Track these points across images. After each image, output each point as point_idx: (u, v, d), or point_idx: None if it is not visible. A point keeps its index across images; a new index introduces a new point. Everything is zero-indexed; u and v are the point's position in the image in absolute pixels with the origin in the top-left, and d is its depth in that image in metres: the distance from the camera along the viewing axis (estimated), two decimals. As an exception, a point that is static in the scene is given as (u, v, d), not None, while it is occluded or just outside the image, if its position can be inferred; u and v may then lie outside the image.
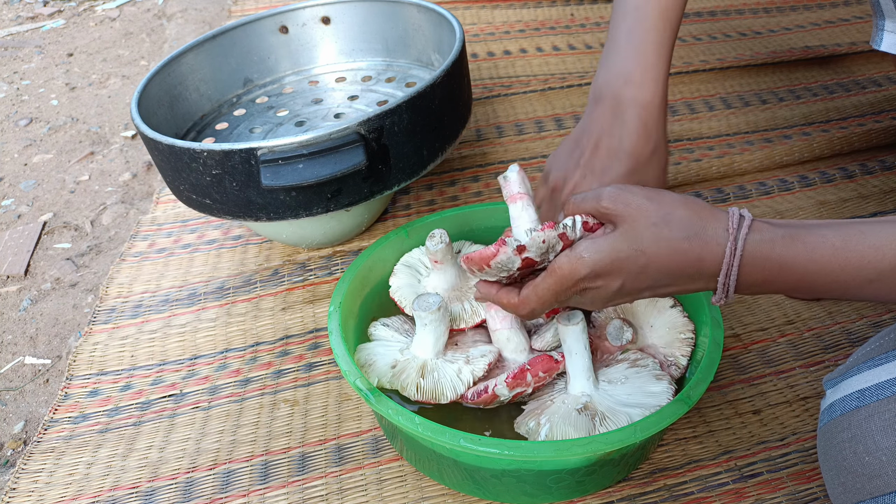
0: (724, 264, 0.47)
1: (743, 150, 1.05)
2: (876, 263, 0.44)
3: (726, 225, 0.47)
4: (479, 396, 0.60)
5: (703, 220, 0.48)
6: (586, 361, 0.60)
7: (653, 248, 0.48)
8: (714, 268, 0.47)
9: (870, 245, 0.45)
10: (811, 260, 0.46)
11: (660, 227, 0.47)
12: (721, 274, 0.47)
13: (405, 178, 0.83)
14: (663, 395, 0.59)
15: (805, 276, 0.46)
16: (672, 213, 0.48)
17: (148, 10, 1.87)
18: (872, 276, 0.45)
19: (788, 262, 0.46)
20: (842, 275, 0.45)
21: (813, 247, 0.46)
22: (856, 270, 0.45)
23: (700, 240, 0.47)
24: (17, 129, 1.39)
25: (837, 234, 0.46)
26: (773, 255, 0.46)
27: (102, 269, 1.01)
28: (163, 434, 0.71)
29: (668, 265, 0.48)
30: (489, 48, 1.35)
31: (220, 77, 1.02)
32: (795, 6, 1.47)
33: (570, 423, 0.58)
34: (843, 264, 0.45)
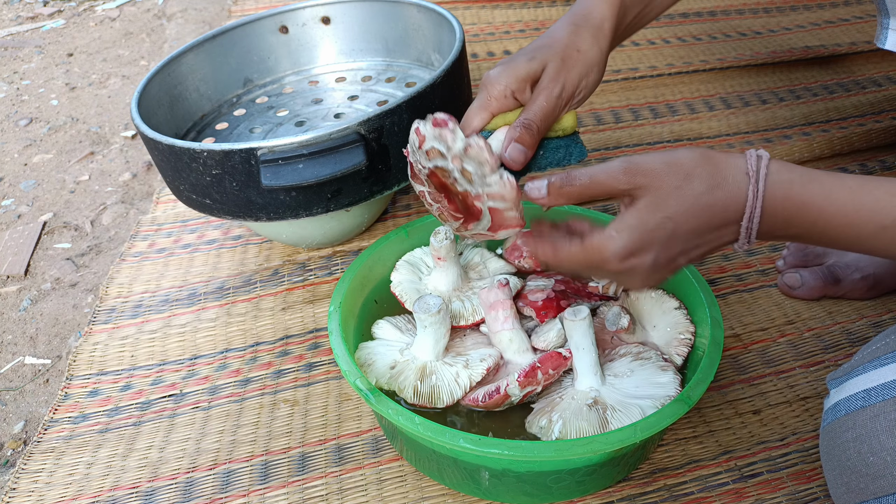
0: (748, 208, 0.47)
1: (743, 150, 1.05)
2: (891, 209, 0.45)
3: (745, 168, 0.47)
4: (491, 398, 0.60)
5: (723, 169, 0.48)
6: (594, 356, 0.60)
7: (679, 211, 0.47)
8: (738, 213, 0.47)
9: (886, 190, 0.45)
10: (828, 200, 0.46)
11: (682, 189, 0.47)
12: (745, 218, 0.47)
13: (405, 178, 0.83)
14: (671, 385, 0.59)
15: (822, 215, 0.46)
16: (692, 172, 0.48)
17: (148, 10, 1.87)
18: (887, 221, 0.45)
19: (807, 200, 0.47)
20: (857, 217, 0.46)
21: (830, 187, 0.46)
22: (870, 213, 0.45)
23: (722, 190, 0.47)
24: (17, 129, 1.39)
25: (854, 179, 0.46)
26: (792, 194, 0.47)
27: (102, 269, 1.01)
28: (163, 434, 0.71)
29: (695, 225, 0.48)
30: (489, 48, 1.35)
31: (220, 77, 1.02)
32: (795, 6, 1.47)
33: (583, 418, 0.58)
34: (858, 206, 0.46)
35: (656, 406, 0.57)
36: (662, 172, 0.48)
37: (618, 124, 1.13)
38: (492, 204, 0.53)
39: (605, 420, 0.57)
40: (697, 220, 0.47)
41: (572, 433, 0.57)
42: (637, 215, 0.48)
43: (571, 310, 0.59)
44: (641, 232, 0.48)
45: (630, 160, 0.49)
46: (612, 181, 0.49)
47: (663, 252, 0.49)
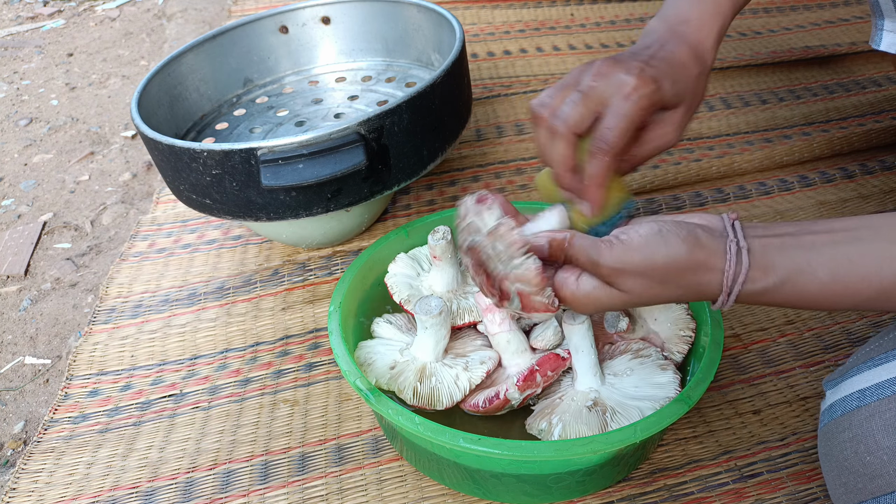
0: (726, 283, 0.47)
1: (743, 150, 1.05)
2: (863, 292, 0.45)
3: (721, 282, 0.47)
4: (491, 403, 0.60)
5: (699, 274, 0.47)
6: (593, 358, 0.60)
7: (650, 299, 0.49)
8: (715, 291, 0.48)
9: (858, 276, 0.45)
10: (801, 298, 0.47)
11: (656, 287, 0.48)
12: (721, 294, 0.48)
13: (405, 178, 0.83)
14: (670, 385, 0.59)
15: (806, 293, 0.47)
16: (668, 274, 0.47)
17: (148, 10, 1.87)
18: (859, 301, 0.46)
19: (779, 302, 0.48)
20: (829, 304, 0.47)
21: (802, 287, 0.46)
22: (843, 302, 0.46)
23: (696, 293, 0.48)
24: (17, 129, 1.39)
25: (827, 269, 0.46)
26: (764, 300, 0.48)
27: (102, 269, 1.01)
28: (163, 434, 0.71)
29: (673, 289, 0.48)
30: (489, 48, 1.35)
31: (220, 77, 1.02)
32: (795, 6, 1.47)
33: (582, 420, 0.58)
34: (830, 298, 0.46)
35: (655, 408, 0.57)
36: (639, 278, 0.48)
37: (618, 124, 1.13)
38: (519, 287, 0.52)
39: (604, 423, 0.57)
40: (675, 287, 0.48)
41: (572, 437, 0.57)
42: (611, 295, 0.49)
43: (570, 313, 0.59)
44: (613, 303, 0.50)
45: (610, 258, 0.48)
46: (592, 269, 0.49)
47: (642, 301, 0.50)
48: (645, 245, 0.47)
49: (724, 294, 0.47)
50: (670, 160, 1.04)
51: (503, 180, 1.02)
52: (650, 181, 0.98)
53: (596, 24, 1.41)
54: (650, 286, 0.48)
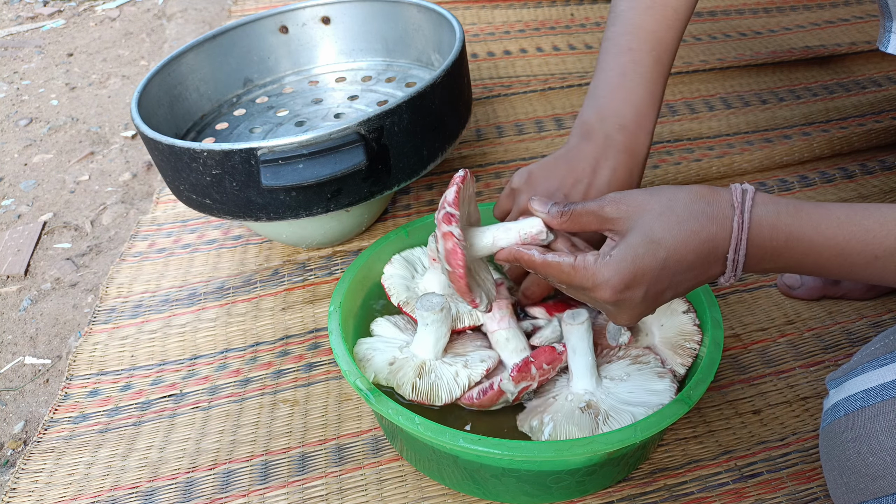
0: (733, 239, 0.46)
1: (743, 150, 1.05)
2: (881, 239, 0.45)
3: (731, 200, 0.47)
4: (485, 395, 0.60)
5: (707, 199, 0.48)
6: (590, 360, 0.60)
7: (667, 236, 0.47)
8: (725, 244, 0.47)
9: (875, 220, 0.45)
10: (817, 231, 0.46)
11: (667, 214, 0.47)
12: (730, 250, 0.47)
13: (405, 178, 0.83)
14: (666, 393, 0.59)
15: (812, 248, 0.46)
16: (674, 199, 0.48)
17: (148, 10, 1.87)
18: (878, 251, 0.45)
19: (795, 232, 0.46)
20: (847, 247, 0.45)
21: (818, 219, 0.46)
22: (861, 245, 0.45)
23: (708, 217, 0.47)
24: (17, 129, 1.39)
25: (842, 209, 0.46)
26: (779, 226, 0.46)
27: (102, 269, 1.01)
28: (163, 434, 0.71)
29: (684, 253, 0.47)
30: (489, 48, 1.35)
31: (220, 77, 1.02)
32: (795, 6, 1.47)
33: (574, 421, 0.58)
34: (848, 237, 0.45)
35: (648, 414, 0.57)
36: (646, 201, 0.48)
37: (618, 124, 1.13)
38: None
39: (596, 426, 0.57)
40: (685, 248, 0.47)
41: (562, 437, 0.57)
42: (626, 244, 0.48)
43: (570, 313, 0.59)
44: (633, 259, 0.47)
45: (616, 193, 0.50)
46: (598, 208, 0.50)
47: (654, 285, 0.48)
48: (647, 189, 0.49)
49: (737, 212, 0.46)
50: (670, 160, 1.04)
51: (503, 180, 1.02)
52: (650, 181, 0.98)
53: (596, 24, 1.41)
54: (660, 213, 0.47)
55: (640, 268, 0.47)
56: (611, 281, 0.48)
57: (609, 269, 0.48)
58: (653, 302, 0.50)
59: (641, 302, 0.49)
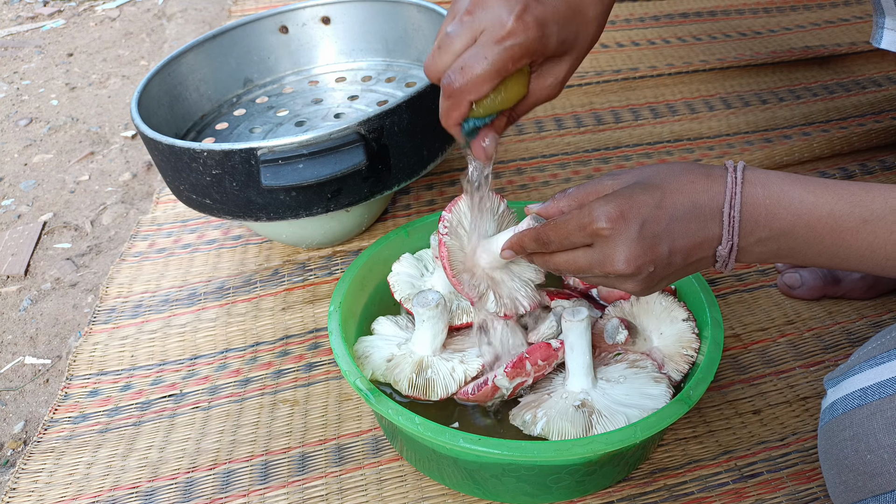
0: (727, 192, 0.48)
1: (743, 150, 1.05)
2: (868, 202, 0.46)
3: (723, 166, 0.50)
4: (480, 390, 0.60)
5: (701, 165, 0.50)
6: (587, 358, 0.60)
7: (662, 181, 0.48)
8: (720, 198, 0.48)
9: (858, 187, 0.47)
10: (806, 189, 0.47)
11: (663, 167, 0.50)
12: (725, 203, 0.48)
13: (405, 178, 0.83)
14: (661, 397, 0.59)
15: (802, 207, 0.47)
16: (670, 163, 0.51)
17: (148, 10, 1.87)
18: (866, 214, 0.46)
19: (786, 190, 0.47)
20: (836, 208, 0.47)
21: (805, 181, 0.48)
22: (849, 206, 0.46)
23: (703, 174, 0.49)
24: (17, 129, 1.39)
25: (825, 179, 0.48)
26: (770, 185, 0.48)
27: (102, 269, 1.01)
28: (163, 434, 0.71)
29: (679, 197, 0.48)
30: (489, 48, 1.35)
31: (220, 77, 1.02)
32: (795, 6, 1.47)
33: (567, 419, 0.58)
34: (835, 198, 0.47)
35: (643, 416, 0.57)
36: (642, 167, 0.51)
37: (618, 124, 1.13)
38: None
39: (589, 424, 0.57)
40: (681, 191, 0.48)
41: (554, 433, 0.57)
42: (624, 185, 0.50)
43: (570, 310, 0.59)
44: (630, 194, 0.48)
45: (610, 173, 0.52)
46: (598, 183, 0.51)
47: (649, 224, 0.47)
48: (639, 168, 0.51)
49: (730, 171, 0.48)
50: (670, 160, 1.04)
51: (503, 180, 1.02)
52: (650, 181, 0.98)
53: (596, 24, 1.41)
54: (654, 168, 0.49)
55: (635, 200, 0.47)
56: (606, 208, 0.47)
57: (606, 199, 0.49)
58: (650, 247, 0.48)
59: (637, 240, 0.47)
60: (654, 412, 0.55)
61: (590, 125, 1.13)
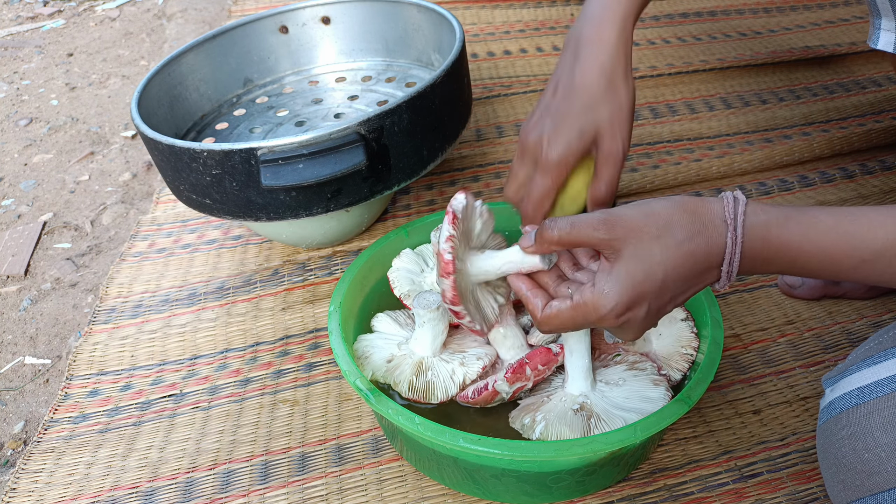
0: (727, 254, 0.48)
1: (743, 150, 1.05)
2: (869, 242, 0.46)
3: (723, 215, 0.48)
4: (480, 394, 0.60)
5: (701, 216, 0.48)
6: (586, 362, 0.60)
7: (664, 259, 0.48)
8: (719, 258, 0.48)
9: (861, 225, 0.46)
10: (806, 239, 0.47)
11: (663, 237, 0.48)
12: (724, 263, 0.48)
13: (405, 178, 0.83)
14: (660, 401, 0.59)
15: (800, 254, 0.47)
16: (671, 220, 0.48)
17: (148, 10, 1.87)
18: (866, 255, 0.46)
19: (785, 241, 0.47)
20: (835, 252, 0.47)
21: (807, 227, 0.47)
22: (849, 249, 0.46)
23: (703, 237, 0.48)
24: (17, 129, 1.39)
25: (830, 215, 0.47)
26: (770, 237, 0.48)
27: (102, 269, 1.01)
28: (163, 434, 0.71)
29: (682, 271, 0.48)
30: (489, 48, 1.35)
31: (220, 77, 1.02)
32: (795, 6, 1.47)
33: (566, 422, 0.58)
34: (835, 241, 0.46)
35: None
36: (641, 223, 0.48)
37: (618, 124, 1.13)
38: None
39: (587, 428, 0.57)
40: (683, 267, 0.48)
41: (553, 437, 0.57)
42: (624, 269, 0.48)
43: None
44: (633, 285, 0.48)
45: (609, 211, 0.49)
46: (592, 230, 0.49)
47: (655, 302, 0.49)
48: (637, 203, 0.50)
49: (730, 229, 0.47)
50: (670, 160, 1.04)
51: (503, 180, 1.02)
52: (650, 181, 0.98)
53: (596, 24, 1.41)
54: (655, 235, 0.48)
55: (640, 292, 0.48)
56: (614, 309, 0.48)
57: (610, 300, 0.48)
58: (656, 315, 0.50)
59: (644, 318, 0.49)
60: (655, 412, 0.55)
61: (590, 125, 1.13)
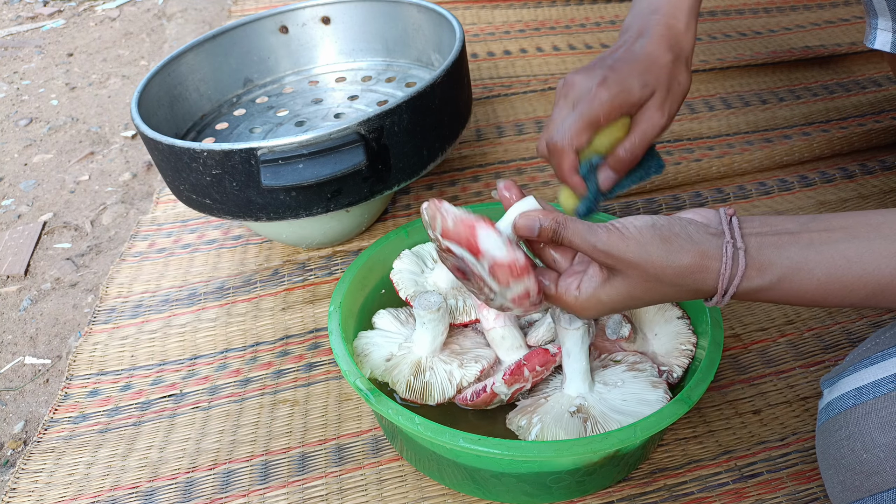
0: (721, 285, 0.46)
1: (743, 150, 1.05)
2: (860, 290, 0.45)
3: (716, 282, 0.47)
4: (478, 396, 0.60)
5: (694, 274, 0.47)
6: (584, 364, 0.60)
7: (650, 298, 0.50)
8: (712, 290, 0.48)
9: (855, 275, 0.45)
10: (797, 295, 0.47)
11: (652, 283, 0.48)
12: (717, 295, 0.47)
13: (405, 178, 0.83)
14: (658, 404, 0.59)
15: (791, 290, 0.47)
16: (664, 272, 0.47)
17: (148, 10, 1.87)
18: (856, 300, 0.46)
19: (774, 299, 0.48)
20: (825, 302, 0.47)
21: (798, 286, 0.46)
22: (840, 299, 0.46)
23: (693, 291, 0.48)
24: (17, 129, 1.39)
25: (824, 268, 0.45)
26: (759, 297, 0.48)
27: (102, 269, 1.01)
28: (163, 434, 0.71)
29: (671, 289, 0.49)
30: (489, 48, 1.35)
31: (220, 77, 1.02)
32: (795, 6, 1.47)
33: (562, 425, 0.57)
34: (826, 295, 0.46)
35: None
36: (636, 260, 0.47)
37: (618, 124, 1.13)
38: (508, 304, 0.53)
39: (584, 430, 0.57)
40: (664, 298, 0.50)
41: (549, 439, 0.57)
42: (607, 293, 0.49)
43: (567, 317, 0.59)
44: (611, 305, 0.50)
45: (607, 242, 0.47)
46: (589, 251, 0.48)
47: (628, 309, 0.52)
48: (640, 235, 0.47)
49: (718, 295, 0.47)
50: (670, 160, 1.04)
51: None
52: (650, 181, 0.98)
53: (596, 24, 1.41)
54: (645, 279, 0.48)
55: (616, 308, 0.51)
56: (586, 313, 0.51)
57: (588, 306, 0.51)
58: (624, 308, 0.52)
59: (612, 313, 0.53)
60: (655, 412, 0.55)
61: (590, 125, 1.13)
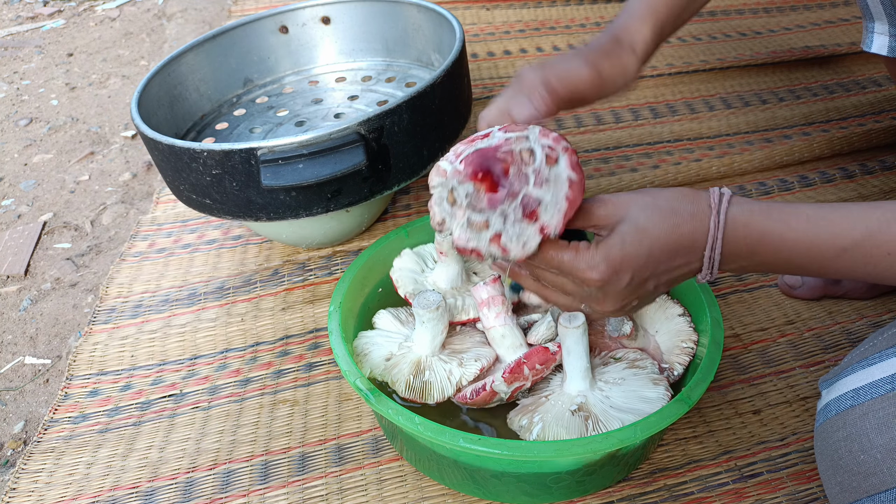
0: (710, 238, 0.49)
1: (743, 150, 1.05)
2: (848, 231, 0.47)
3: (709, 202, 0.50)
4: (478, 395, 0.60)
5: (688, 198, 0.50)
6: (584, 363, 0.60)
7: (651, 226, 0.49)
8: (703, 242, 0.49)
9: (840, 216, 0.47)
10: (788, 227, 0.48)
11: (651, 208, 0.50)
12: (707, 247, 0.49)
13: (405, 178, 0.83)
14: (659, 402, 0.59)
15: (783, 243, 0.48)
16: (658, 197, 0.50)
17: (148, 10, 1.87)
18: (845, 243, 0.47)
19: (767, 230, 0.49)
20: (816, 241, 0.48)
21: (788, 216, 0.49)
22: (830, 237, 0.47)
23: (689, 214, 0.49)
24: (17, 129, 1.39)
25: (811, 207, 0.49)
26: (752, 224, 0.49)
27: (102, 269, 1.01)
28: (163, 434, 0.71)
29: (666, 243, 0.49)
30: (489, 48, 1.35)
31: (220, 77, 1.02)
32: (795, 6, 1.47)
33: (563, 424, 0.57)
34: (816, 231, 0.48)
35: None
36: (632, 198, 0.51)
37: (618, 124, 1.13)
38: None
39: (585, 429, 0.57)
40: (668, 240, 0.50)
41: (550, 438, 0.57)
42: (615, 233, 0.50)
43: (567, 316, 0.59)
44: (621, 247, 0.50)
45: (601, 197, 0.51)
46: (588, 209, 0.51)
47: (638, 273, 0.50)
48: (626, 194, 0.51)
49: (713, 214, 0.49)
50: (670, 160, 1.04)
51: (503, 180, 1.02)
52: (650, 181, 0.98)
53: (596, 25, 1.41)
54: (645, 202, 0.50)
55: (627, 254, 0.49)
56: (600, 265, 0.50)
57: (599, 253, 0.50)
58: (636, 289, 0.51)
59: (626, 288, 0.51)
60: (655, 412, 0.55)
61: (590, 125, 1.13)
